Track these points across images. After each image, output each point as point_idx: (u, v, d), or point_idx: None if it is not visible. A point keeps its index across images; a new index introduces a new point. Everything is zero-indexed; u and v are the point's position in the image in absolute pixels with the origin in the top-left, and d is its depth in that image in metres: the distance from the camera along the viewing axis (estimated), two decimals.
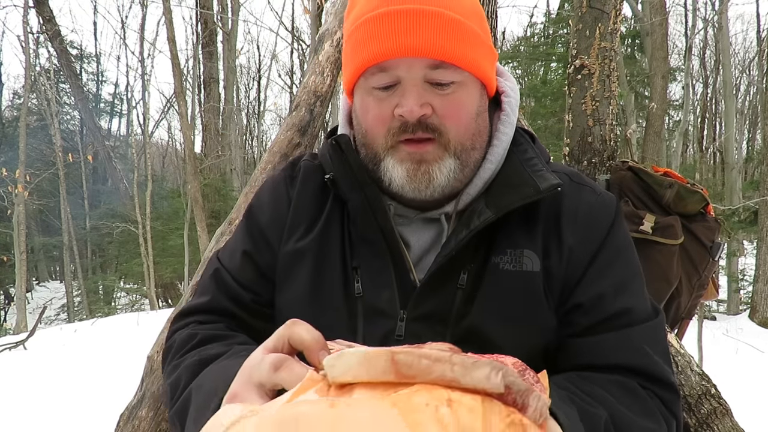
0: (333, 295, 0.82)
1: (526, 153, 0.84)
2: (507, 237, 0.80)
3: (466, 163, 0.80)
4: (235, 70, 14.01)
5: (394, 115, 0.76)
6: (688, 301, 1.77)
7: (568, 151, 2.13)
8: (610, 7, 2.06)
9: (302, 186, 0.90)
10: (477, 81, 0.79)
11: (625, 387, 0.73)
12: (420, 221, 0.84)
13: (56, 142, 13.03)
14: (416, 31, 0.72)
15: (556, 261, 0.79)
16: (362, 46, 0.75)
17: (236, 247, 0.90)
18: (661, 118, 8.48)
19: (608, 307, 0.78)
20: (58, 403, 3.79)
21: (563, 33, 10.32)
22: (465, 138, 0.79)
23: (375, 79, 0.76)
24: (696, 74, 16.25)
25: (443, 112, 0.76)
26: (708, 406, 1.08)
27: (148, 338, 1.39)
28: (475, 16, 0.78)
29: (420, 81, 0.75)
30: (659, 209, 1.74)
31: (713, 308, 9.60)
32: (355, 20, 0.78)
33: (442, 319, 0.79)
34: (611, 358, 0.76)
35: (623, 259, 0.82)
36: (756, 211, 8.44)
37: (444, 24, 0.73)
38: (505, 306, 0.78)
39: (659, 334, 0.80)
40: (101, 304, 14.32)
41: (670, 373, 0.78)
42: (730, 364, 5.19)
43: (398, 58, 0.73)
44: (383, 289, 0.80)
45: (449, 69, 0.75)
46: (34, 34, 13.45)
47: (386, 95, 0.77)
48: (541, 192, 0.78)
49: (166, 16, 7.15)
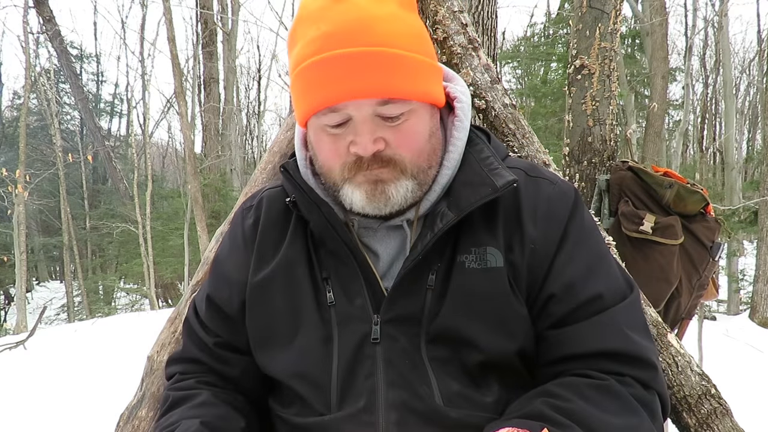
0: (306, 306, 0.85)
1: (482, 152, 0.87)
2: (470, 236, 0.83)
3: (423, 182, 0.83)
4: (235, 70, 14.00)
5: (349, 151, 0.79)
6: (688, 301, 1.77)
7: (568, 151, 2.13)
8: (610, 7, 2.06)
9: (266, 215, 0.94)
10: (426, 104, 0.82)
11: (600, 388, 0.76)
12: (384, 229, 0.87)
13: (56, 142, 13.03)
14: (361, 75, 0.74)
15: (519, 254, 0.82)
16: (311, 91, 0.77)
17: (204, 291, 0.97)
18: (661, 118, 8.48)
19: (579, 294, 0.81)
20: (58, 403, 3.79)
21: (563, 33, 10.32)
22: (421, 161, 0.82)
23: (326, 119, 0.79)
24: (696, 74, 16.24)
25: (397, 143, 0.79)
26: (708, 406, 1.08)
27: (148, 338, 1.39)
28: (416, 42, 0.80)
29: (370, 117, 0.77)
30: (659, 209, 1.74)
31: (713, 308, 9.59)
32: (298, 62, 0.79)
33: (414, 320, 0.82)
34: (589, 345, 0.79)
35: (587, 244, 0.85)
36: (756, 211, 8.44)
37: (386, 63, 0.75)
38: (473, 303, 0.81)
39: (635, 311, 0.83)
40: (101, 304, 14.32)
41: (649, 349, 0.81)
42: (730, 364, 5.18)
43: (347, 101, 0.76)
44: (355, 297, 0.84)
45: (397, 103, 0.77)
46: (34, 34, 13.46)
47: (340, 131, 0.79)
48: (498, 190, 0.81)
49: (166, 16, 7.15)
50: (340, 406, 0.81)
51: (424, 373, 0.81)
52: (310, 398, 0.84)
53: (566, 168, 2.13)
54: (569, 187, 0.89)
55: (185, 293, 1.32)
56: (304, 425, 0.84)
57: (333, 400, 0.82)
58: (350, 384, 0.82)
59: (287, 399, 0.89)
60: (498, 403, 0.81)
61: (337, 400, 0.82)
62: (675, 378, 1.09)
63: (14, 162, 12.08)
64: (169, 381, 0.96)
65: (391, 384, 0.80)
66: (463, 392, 0.80)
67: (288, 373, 0.86)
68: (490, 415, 0.79)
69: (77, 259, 13.83)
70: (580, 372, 0.79)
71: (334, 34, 0.75)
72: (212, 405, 0.87)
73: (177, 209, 12.47)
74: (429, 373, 0.81)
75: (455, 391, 0.80)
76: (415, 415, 0.79)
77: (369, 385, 0.81)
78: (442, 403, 0.79)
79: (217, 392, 0.90)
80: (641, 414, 0.75)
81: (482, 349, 0.81)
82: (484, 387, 0.82)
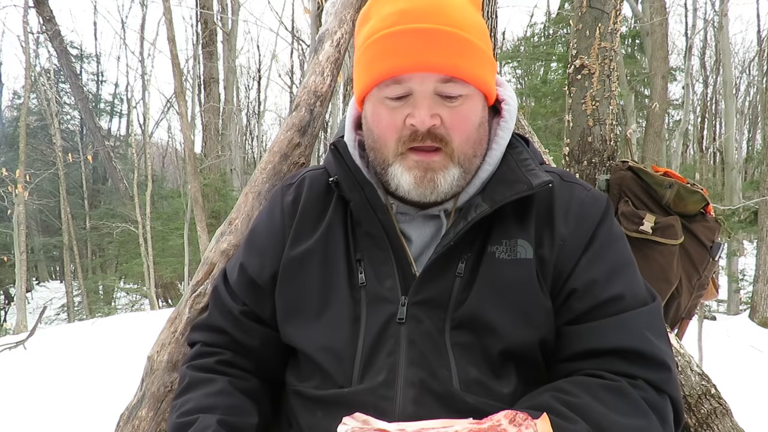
0: (338, 284, 0.89)
1: (521, 155, 0.92)
2: (502, 229, 0.87)
3: (468, 170, 0.87)
4: (235, 70, 14.00)
5: (406, 125, 0.83)
6: (688, 301, 1.77)
7: (568, 151, 2.13)
8: (610, 7, 2.06)
9: (307, 194, 0.98)
10: (480, 94, 0.86)
11: (611, 389, 0.77)
12: (421, 218, 0.91)
13: (56, 142, 13.02)
14: (431, 49, 0.79)
15: (548, 249, 0.85)
16: (379, 60, 0.82)
17: (237, 260, 1.01)
18: (661, 118, 8.48)
19: (601, 292, 0.83)
20: (58, 403, 3.79)
21: (563, 33, 10.32)
22: (468, 147, 0.86)
23: (389, 90, 0.83)
24: (696, 74, 16.23)
25: (450, 123, 0.83)
26: (708, 406, 1.09)
27: (148, 338, 1.40)
28: (482, 34, 0.86)
29: (431, 93, 0.82)
30: (659, 209, 1.74)
31: (713, 308, 9.60)
32: (370, 34, 0.85)
33: (441, 305, 0.85)
34: (605, 342, 0.80)
35: (615, 248, 0.88)
36: (756, 211, 8.44)
37: (456, 43, 0.80)
38: (500, 292, 0.84)
39: (655, 318, 0.84)
40: (101, 304, 14.32)
41: (666, 353, 0.82)
42: (730, 364, 5.18)
43: (413, 73, 0.80)
44: (386, 279, 0.87)
45: (458, 84, 0.82)
46: (34, 34, 13.45)
47: (398, 105, 0.83)
48: (534, 187, 0.84)
49: (166, 16, 7.15)
50: (361, 380, 0.84)
51: (445, 356, 0.83)
52: (332, 371, 0.86)
53: (566, 168, 2.13)
54: (601, 194, 0.93)
55: (185, 293, 1.32)
56: (323, 397, 0.86)
57: (355, 374, 0.85)
58: (373, 360, 0.84)
59: (306, 372, 0.91)
60: (514, 395, 0.83)
61: (359, 374, 0.85)
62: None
63: (14, 162, 12.08)
64: (191, 349, 1.00)
65: (411, 362, 0.83)
66: (481, 380, 0.83)
67: (315, 346, 0.89)
68: (505, 406, 0.80)
69: (77, 259, 13.82)
70: (593, 372, 0.80)
71: (410, 11, 0.81)
72: (228, 395, 0.90)
73: (177, 209, 12.46)
74: (450, 358, 0.83)
75: (473, 378, 0.83)
76: (432, 396, 0.81)
77: (390, 362, 0.83)
78: (459, 388, 0.82)
79: (233, 381, 0.93)
80: (650, 417, 0.76)
81: (505, 337, 0.83)
82: (503, 377, 0.84)
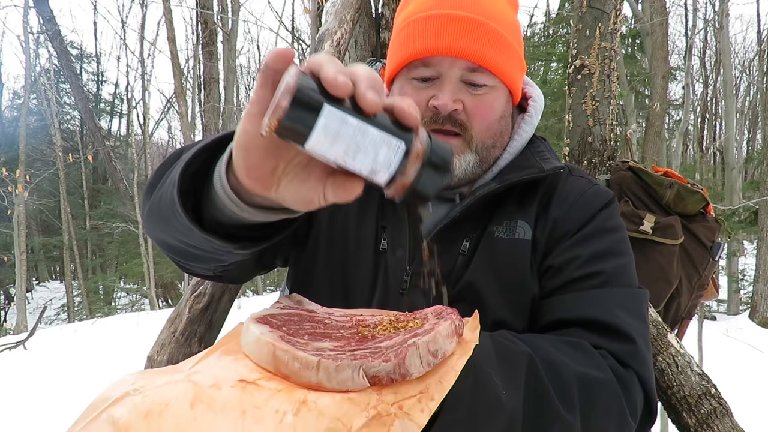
0: (366, 247, 0.91)
1: (539, 148, 0.95)
2: (505, 211, 0.88)
3: (485, 159, 0.89)
4: (235, 70, 14.00)
5: (429, 106, 0.85)
6: (688, 301, 1.77)
7: (568, 151, 2.13)
8: (610, 7, 2.06)
9: None
10: (505, 88, 0.88)
11: (570, 343, 0.73)
12: (435, 199, 0.91)
13: (56, 142, 13.02)
14: (462, 35, 0.82)
15: (540, 230, 0.87)
16: (411, 42, 0.85)
17: None
18: (661, 118, 8.47)
19: (577, 269, 0.82)
20: (58, 403, 3.79)
21: (563, 33, 10.32)
22: (487, 137, 0.87)
23: (417, 71, 0.85)
24: (696, 74, 16.24)
25: (472, 110, 0.85)
26: (708, 406, 1.08)
27: (148, 338, 1.40)
28: (514, 31, 0.88)
29: (457, 79, 0.84)
30: (659, 209, 1.74)
31: (713, 308, 9.59)
32: (407, 17, 0.87)
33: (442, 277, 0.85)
34: (572, 313, 0.79)
35: (608, 239, 0.86)
36: (756, 211, 8.44)
37: (486, 33, 0.83)
38: (497, 268, 0.85)
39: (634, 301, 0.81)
40: (101, 304, 14.33)
41: (635, 329, 0.77)
42: (730, 364, 5.18)
43: (442, 56, 0.82)
44: (398, 248, 0.89)
45: (484, 73, 0.84)
46: (34, 34, 13.47)
47: (424, 86, 0.85)
48: (544, 171, 0.87)
49: (166, 16, 7.15)
50: None
51: None
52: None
53: None
54: (608, 191, 0.93)
55: (185, 293, 1.32)
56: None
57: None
58: None
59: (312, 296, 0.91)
60: None
61: None
62: (675, 378, 1.09)
63: (14, 162, 12.08)
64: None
65: None
66: None
67: (328, 293, 0.89)
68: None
69: (77, 259, 13.82)
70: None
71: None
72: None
73: None
74: None
75: None
76: None
77: None
78: None
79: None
80: (609, 374, 0.70)
81: (491, 314, 0.83)
82: None
